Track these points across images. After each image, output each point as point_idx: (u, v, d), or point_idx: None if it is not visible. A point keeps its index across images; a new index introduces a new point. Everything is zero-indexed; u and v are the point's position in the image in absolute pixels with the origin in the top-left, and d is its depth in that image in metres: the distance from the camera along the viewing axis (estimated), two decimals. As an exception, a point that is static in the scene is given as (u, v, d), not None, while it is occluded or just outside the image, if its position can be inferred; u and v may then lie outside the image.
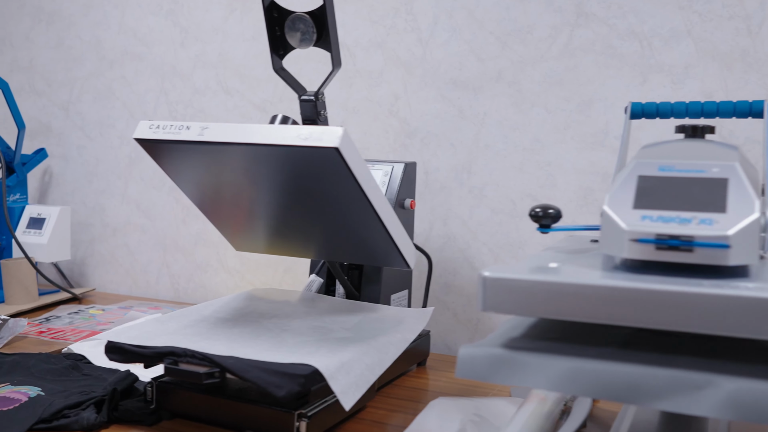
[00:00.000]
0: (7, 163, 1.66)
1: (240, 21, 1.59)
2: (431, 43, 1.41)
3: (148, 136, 1.00)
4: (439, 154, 1.41)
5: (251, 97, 1.59)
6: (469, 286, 1.39)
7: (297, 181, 1.01)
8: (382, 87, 1.46)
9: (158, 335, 1.01)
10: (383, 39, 1.45)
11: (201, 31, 1.64)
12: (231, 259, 1.64)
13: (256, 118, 1.58)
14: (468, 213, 1.39)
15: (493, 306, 0.71)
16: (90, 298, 1.69)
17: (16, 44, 1.88)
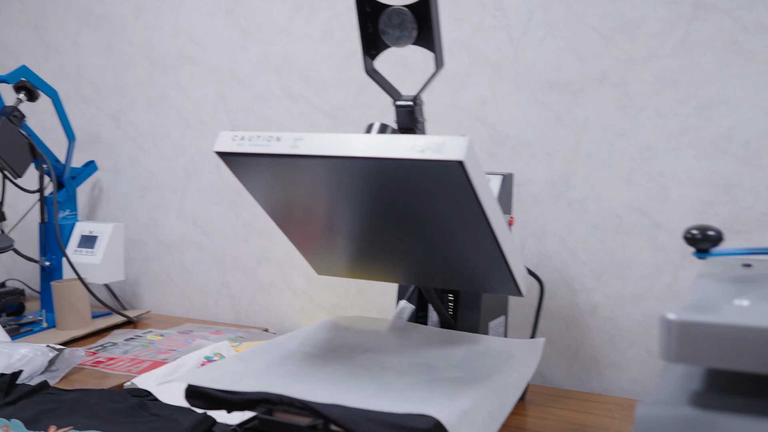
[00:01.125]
0: (56, 177, 1.55)
1: (307, 21, 1.47)
2: (523, 41, 1.27)
3: (231, 149, 0.87)
4: (533, 164, 1.28)
5: (319, 104, 1.47)
6: (567, 310, 1.25)
7: (399, 197, 0.88)
8: (467, 90, 1.33)
9: (244, 376, 0.88)
10: (468, 38, 1.32)
11: (263, 33, 1.52)
12: (297, 279, 1.52)
13: (325, 126, 1.46)
14: (566, 229, 1.26)
15: (686, 356, 0.58)
16: (145, 321, 1.57)
17: (63, 50, 1.78)
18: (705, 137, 1.15)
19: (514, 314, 1.30)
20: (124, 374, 1.22)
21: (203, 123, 1.60)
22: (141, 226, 1.70)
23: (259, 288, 1.56)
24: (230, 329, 1.49)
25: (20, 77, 1.46)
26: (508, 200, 1.14)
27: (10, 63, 1.85)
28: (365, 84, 1.42)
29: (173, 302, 1.67)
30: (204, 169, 1.61)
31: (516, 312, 1.30)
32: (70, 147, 1.58)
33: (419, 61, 1.36)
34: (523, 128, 1.28)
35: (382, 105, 1.41)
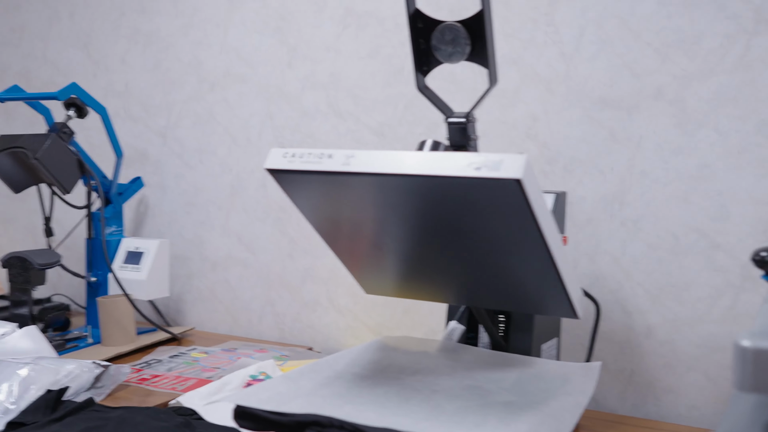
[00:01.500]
0: (104, 193, 1.56)
1: (354, 37, 1.46)
2: (576, 57, 1.25)
3: (282, 166, 0.86)
4: (586, 182, 1.25)
5: (367, 121, 1.46)
6: (621, 332, 1.22)
7: (452, 215, 0.86)
8: (517, 107, 1.30)
9: (293, 397, 0.87)
10: (519, 54, 1.29)
11: (311, 50, 1.51)
12: (342, 297, 1.50)
13: (372, 143, 1.44)
14: (620, 249, 1.22)
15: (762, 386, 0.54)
16: (189, 338, 1.57)
17: (111, 68, 1.79)
18: (766, 155, 1.11)
19: (567, 336, 1.26)
20: (169, 392, 1.21)
21: (250, 140, 1.60)
22: (186, 242, 1.70)
23: (304, 306, 1.55)
24: (274, 347, 1.48)
25: (70, 94, 1.48)
26: (561, 219, 1.11)
27: (60, 80, 1.88)
28: (413, 100, 1.41)
29: (217, 319, 1.66)
30: (250, 186, 1.61)
31: (568, 334, 1.26)
32: (118, 163, 1.59)
33: (469, 77, 1.34)
34: (576, 145, 1.25)
35: (429, 122, 1.39)
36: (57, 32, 1.87)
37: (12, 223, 2.02)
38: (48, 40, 1.89)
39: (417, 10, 0.95)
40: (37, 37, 1.91)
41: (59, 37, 1.87)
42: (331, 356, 1.02)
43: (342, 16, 1.47)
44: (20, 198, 1.99)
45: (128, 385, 1.24)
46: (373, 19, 1.44)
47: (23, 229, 2.00)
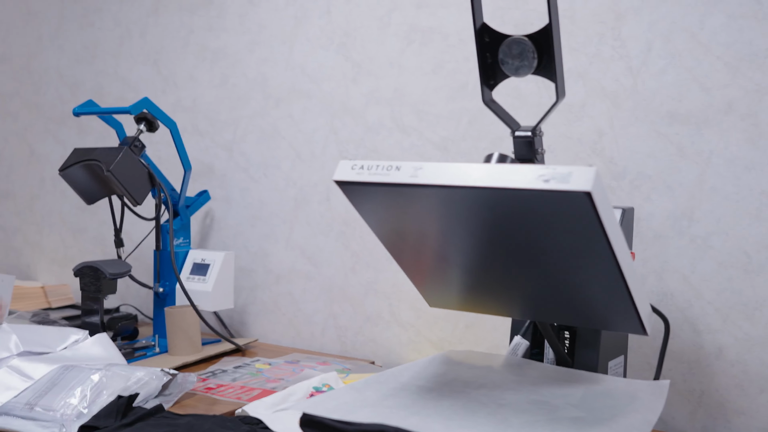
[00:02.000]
0: (172, 205, 1.60)
1: (418, 53, 1.47)
2: (643, 71, 1.23)
3: (350, 178, 0.87)
4: (654, 198, 1.23)
5: (430, 136, 1.46)
6: (691, 352, 1.19)
7: (519, 228, 0.86)
8: (583, 122, 1.29)
9: (358, 407, 0.87)
10: (585, 68, 1.29)
11: (375, 66, 1.53)
12: (405, 312, 1.50)
13: (435, 157, 1.45)
14: (689, 267, 1.20)
15: None
16: (253, 350, 1.59)
17: (180, 84, 1.84)
18: (844, 171, 1.08)
19: (633, 354, 1.24)
20: (235, 401, 1.22)
21: (314, 155, 1.62)
22: (250, 255, 1.72)
23: (366, 319, 1.55)
24: (336, 360, 1.49)
25: (142, 109, 1.52)
26: (629, 235, 1.10)
27: (130, 96, 1.93)
28: (476, 115, 1.41)
29: (280, 331, 1.68)
30: (313, 200, 1.63)
31: (635, 352, 1.24)
32: (186, 177, 1.63)
33: (533, 92, 1.33)
34: (643, 161, 1.24)
35: (493, 137, 1.39)
36: (128, 50, 1.93)
37: (82, 234, 2.08)
38: (119, 57, 1.95)
39: (484, 24, 0.96)
40: (109, 54, 1.98)
41: (130, 54, 1.93)
42: (396, 368, 1.03)
43: (406, 32, 1.49)
44: (90, 210, 2.05)
45: (195, 394, 1.26)
46: (437, 34, 1.45)
47: (93, 239, 2.06)
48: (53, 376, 1.17)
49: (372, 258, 1.54)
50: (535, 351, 1.11)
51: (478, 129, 1.41)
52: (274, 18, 1.67)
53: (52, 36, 2.10)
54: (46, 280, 2.17)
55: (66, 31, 2.07)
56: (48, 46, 2.11)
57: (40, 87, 2.14)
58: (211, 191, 1.78)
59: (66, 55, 2.07)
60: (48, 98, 2.12)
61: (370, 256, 1.54)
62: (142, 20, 1.89)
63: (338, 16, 1.57)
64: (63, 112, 2.09)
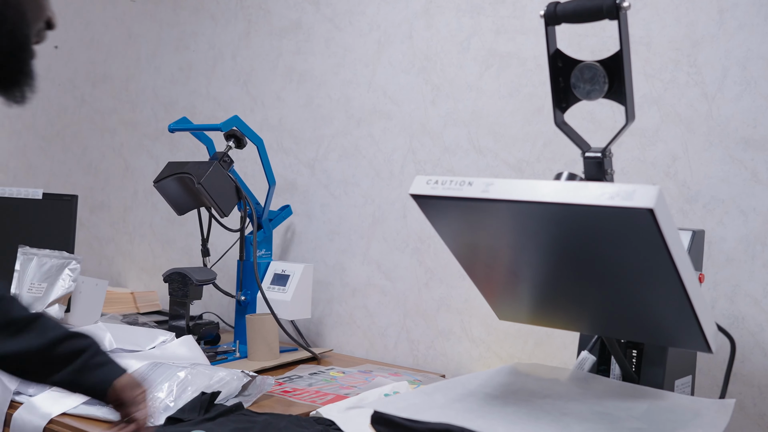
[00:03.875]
0: (257, 218, 1.68)
1: (496, 77, 1.52)
2: (719, 98, 1.25)
3: (425, 192, 0.93)
4: (726, 222, 1.24)
5: (505, 157, 1.51)
6: (762, 376, 1.19)
7: (585, 244, 0.90)
8: (657, 147, 1.32)
9: (427, 408, 0.92)
10: (659, 94, 1.31)
11: (453, 89, 1.59)
12: (476, 328, 1.54)
13: (510, 178, 1.49)
14: (762, 291, 1.20)
15: None
16: (328, 359, 1.65)
17: (267, 103, 1.93)
18: None
19: (703, 376, 1.25)
20: (309, 404, 1.28)
21: (392, 174, 1.68)
22: (328, 268, 1.79)
23: (438, 334, 1.60)
24: (408, 372, 1.54)
25: (232, 126, 1.61)
26: (699, 257, 1.12)
27: (220, 115, 2.04)
28: (552, 138, 1.44)
29: (354, 343, 1.74)
30: (390, 217, 1.68)
31: (704, 374, 1.25)
32: (270, 191, 1.71)
33: (608, 116, 1.36)
34: (717, 185, 1.25)
35: (567, 159, 1.43)
36: (220, 71, 2.04)
37: (171, 244, 2.19)
38: (212, 78, 2.06)
39: (557, 50, 1.00)
40: (202, 75, 2.09)
41: (222, 75, 2.04)
42: (464, 377, 1.07)
43: (485, 57, 1.54)
44: (179, 222, 2.16)
45: (272, 395, 1.33)
46: (514, 59, 1.50)
47: (180, 250, 2.16)
48: (143, 371, 1.25)
49: (445, 274, 1.59)
50: (602, 367, 1.14)
51: (552, 151, 1.45)
52: (359, 42, 1.74)
53: (149, 58, 2.23)
54: (135, 287, 2.28)
55: (163, 53, 2.19)
56: (145, 68, 2.24)
57: (136, 105, 2.27)
58: (293, 206, 1.86)
59: (162, 76, 2.20)
60: (144, 116, 2.25)
61: (443, 272, 1.59)
62: (234, 43, 2.00)
63: (419, 41, 1.64)
64: (157, 129, 2.21)
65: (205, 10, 2.06)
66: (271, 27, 1.92)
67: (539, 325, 1.10)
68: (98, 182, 2.39)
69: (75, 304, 1.76)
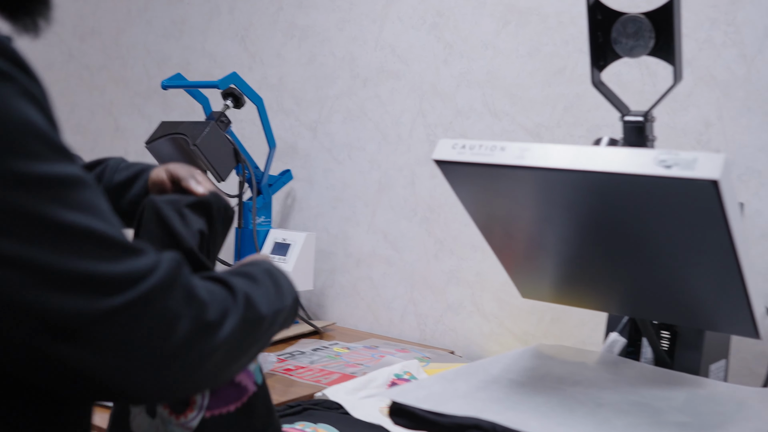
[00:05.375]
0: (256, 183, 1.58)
1: (514, 35, 1.42)
2: (758, 59, 1.16)
3: (451, 157, 0.83)
4: (763, 194, 1.15)
5: (523, 121, 1.41)
6: (798, 360, 1.12)
7: (629, 217, 0.81)
8: (688, 112, 1.22)
9: (449, 398, 0.83)
10: (693, 55, 1.22)
11: (467, 47, 1.48)
12: (488, 302, 1.46)
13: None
14: (800, 269, 1.12)
15: None
16: (330, 333, 1.57)
17: (267, 61, 1.82)
18: None
19: (732, 359, 1.17)
20: (314, 384, 1.20)
21: (400, 137, 1.58)
22: (331, 237, 1.70)
23: (447, 308, 1.51)
24: (415, 348, 1.46)
25: (230, 83, 1.51)
26: (738, 232, 1.03)
27: (217, 73, 1.93)
28: (573, 101, 1.35)
29: (358, 316, 1.66)
30: (397, 184, 1.59)
31: (734, 356, 1.17)
32: (270, 155, 1.62)
33: (636, 79, 1.27)
34: (753, 154, 1.16)
35: (590, 124, 1.33)
36: (216, 25, 1.93)
37: (164, 209, 2.09)
38: (207, 33, 1.95)
39: (597, 1, 0.90)
40: (197, 30, 1.97)
41: (218, 30, 1.92)
42: (485, 360, 0.99)
43: (502, 13, 1.43)
44: (173, 186, 2.06)
45: (274, 375, 1.24)
46: (535, 15, 1.39)
47: (174, 216, 2.06)
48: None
49: (456, 245, 1.50)
50: (630, 350, 1.06)
51: (574, 115, 1.35)
52: (365, -4, 1.63)
53: (140, 11, 2.11)
54: (126, 253, 2.19)
55: (155, 6, 2.07)
56: (136, 21, 2.12)
57: (127, 61, 2.16)
58: (294, 171, 1.76)
59: (154, 30, 2.08)
60: (135, 73, 2.14)
61: (453, 243, 1.50)
62: (232, -3, 1.89)
63: (431, -4, 1.53)
64: (149, 87, 2.10)
65: (201, -39, 1.95)
66: (271, -21, 1.80)
67: (566, 305, 1.02)
68: (87, 143, 2.28)
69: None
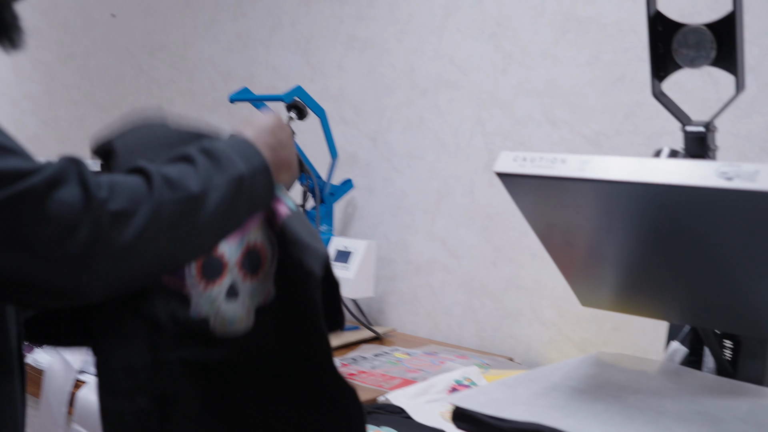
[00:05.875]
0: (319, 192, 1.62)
1: (573, 44, 1.43)
2: (824, 66, 1.15)
3: (512, 170, 0.85)
4: (829, 202, 1.14)
5: (582, 129, 1.42)
6: None
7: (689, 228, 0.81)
8: (753, 119, 1.22)
9: (510, 404, 0.85)
10: (757, 61, 1.21)
11: (526, 56, 1.50)
12: (547, 310, 1.47)
13: (587, 152, 1.40)
14: None
15: None
16: (390, 339, 1.59)
17: (327, 72, 1.86)
18: None
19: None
20: (376, 388, 1.23)
21: (459, 146, 1.60)
22: (391, 245, 1.73)
23: (506, 315, 1.53)
24: (474, 354, 1.47)
25: (294, 96, 1.55)
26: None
27: (279, 85, 1.97)
28: (633, 110, 1.35)
29: (418, 322, 1.68)
30: (456, 192, 1.61)
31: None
32: (333, 165, 1.65)
33: (698, 87, 1.27)
34: (819, 162, 1.15)
35: (650, 132, 1.33)
36: (279, 39, 1.98)
37: (228, 217, 2.15)
38: (270, 46, 2.00)
39: (658, 12, 0.91)
40: (260, 43, 2.03)
41: (281, 43, 1.97)
42: (545, 367, 1.00)
43: (561, 22, 1.44)
44: (237, 194, 2.11)
45: (337, 379, 1.27)
46: (594, 24, 1.40)
47: (238, 223, 2.12)
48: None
49: (515, 253, 1.51)
50: (692, 359, 1.06)
51: (634, 123, 1.35)
52: (424, 7, 1.66)
53: (206, 26, 2.18)
54: (192, 259, 2.25)
55: (220, 21, 2.14)
56: (203, 36, 2.19)
57: (194, 75, 2.23)
58: (354, 180, 1.79)
59: (219, 44, 2.14)
60: (201, 86, 2.21)
61: (512, 251, 1.52)
62: (294, 10, 1.93)
63: (490, 6, 1.55)
64: (215, 99, 2.16)
65: (264, -24, 2.00)
66: (332, -8, 1.84)
67: (626, 313, 1.02)
68: (154, 153, 2.36)
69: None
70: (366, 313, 1.75)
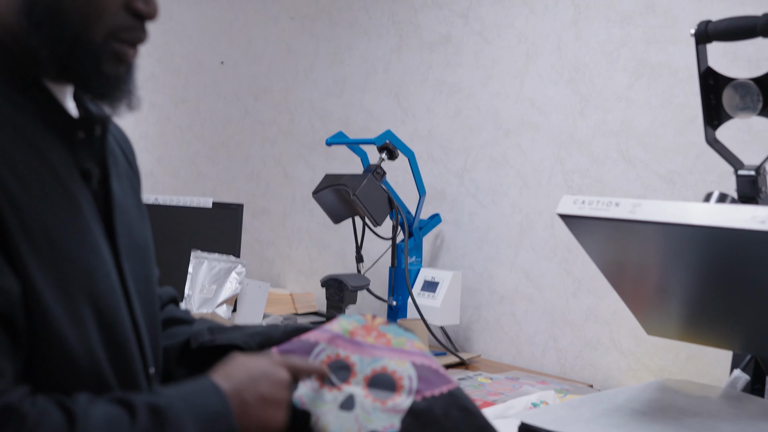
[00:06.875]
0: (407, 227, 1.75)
1: (647, 88, 1.51)
2: None
3: (572, 212, 0.95)
4: None
5: (656, 168, 1.50)
6: None
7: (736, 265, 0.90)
8: (818, 158, 1.27)
9: (572, 422, 0.95)
10: (821, 104, 1.27)
11: (602, 99, 1.59)
12: (625, 339, 1.54)
13: (661, 190, 1.48)
14: None
15: None
16: (475, 365, 1.69)
17: (418, 115, 2.00)
18: None
19: None
20: (459, 410, 1.33)
21: (540, 183, 1.70)
22: (476, 275, 1.84)
23: (586, 344, 1.61)
24: (555, 381, 1.56)
25: (385, 140, 1.69)
26: None
27: (373, 126, 2.12)
28: (705, 149, 1.41)
29: (501, 349, 1.77)
30: (538, 226, 1.71)
31: None
32: (421, 201, 1.78)
33: (765, 128, 1.33)
34: None
35: (721, 170, 1.40)
36: (373, 84, 2.13)
37: (326, 249, 2.30)
38: (365, 90, 2.16)
39: (708, 68, 1.00)
40: (355, 88, 2.19)
41: (374, 88, 2.12)
42: (611, 390, 1.09)
43: (635, 67, 1.53)
44: (334, 228, 2.26)
45: (423, 400, 1.38)
46: (666, 69, 1.48)
47: (335, 254, 2.27)
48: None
49: (593, 284, 1.59)
50: (757, 387, 1.12)
51: (705, 162, 1.43)
52: (507, 54, 1.78)
53: (306, 72, 2.36)
54: (293, 288, 2.42)
55: (319, 68, 2.31)
56: (303, 81, 2.37)
57: (294, 117, 2.40)
58: (442, 215, 1.91)
59: (318, 88, 2.31)
60: (301, 127, 2.38)
61: (591, 283, 1.60)
62: (387, 57, 2.08)
63: (568, 53, 1.65)
64: (314, 139, 2.33)
65: (359, 26, 2.16)
66: (421, 41, 1.98)
67: (690, 342, 1.10)
68: (260, 189, 2.55)
69: (241, 305, 1.89)
70: (453, 339, 1.86)
